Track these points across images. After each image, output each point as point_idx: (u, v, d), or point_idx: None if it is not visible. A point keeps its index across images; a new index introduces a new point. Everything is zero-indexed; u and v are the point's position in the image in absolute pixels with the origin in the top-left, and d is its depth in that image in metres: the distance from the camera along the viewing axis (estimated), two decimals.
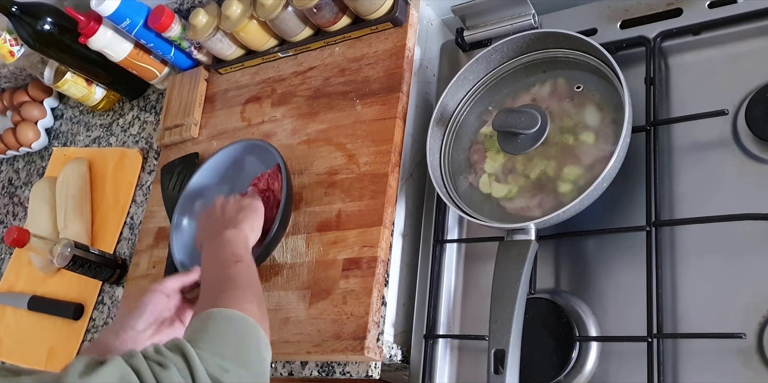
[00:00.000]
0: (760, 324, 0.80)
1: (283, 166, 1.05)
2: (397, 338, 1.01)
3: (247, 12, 1.19)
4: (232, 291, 0.79)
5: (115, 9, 1.23)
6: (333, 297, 0.98)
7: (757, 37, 0.92)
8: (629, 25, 1.01)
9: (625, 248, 0.90)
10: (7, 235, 1.19)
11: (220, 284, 0.81)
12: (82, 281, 1.31)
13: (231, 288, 0.79)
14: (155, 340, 0.85)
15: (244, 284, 0.81)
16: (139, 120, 1.49)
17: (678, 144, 0.92)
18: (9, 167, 1.71)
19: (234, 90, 1.30)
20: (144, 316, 0.85)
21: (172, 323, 0.88)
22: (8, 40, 1.42)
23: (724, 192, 0.87)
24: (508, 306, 0.83)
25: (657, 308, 0.84)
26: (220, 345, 0.68)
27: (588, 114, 0.93)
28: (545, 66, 1.00)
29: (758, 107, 0.86)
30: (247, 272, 0.84)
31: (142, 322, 0.85)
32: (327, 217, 1.05)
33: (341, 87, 1.15)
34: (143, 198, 1.37)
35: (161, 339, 0.85)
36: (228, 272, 0.83)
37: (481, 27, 1.10)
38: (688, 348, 0.82)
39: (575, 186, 0.89)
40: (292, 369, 1.01)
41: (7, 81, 1.69)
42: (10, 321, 1.40)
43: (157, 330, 0.86)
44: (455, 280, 1.02)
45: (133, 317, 0.85)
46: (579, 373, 0.87)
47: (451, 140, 1.03)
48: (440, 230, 1.04)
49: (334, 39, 1.19)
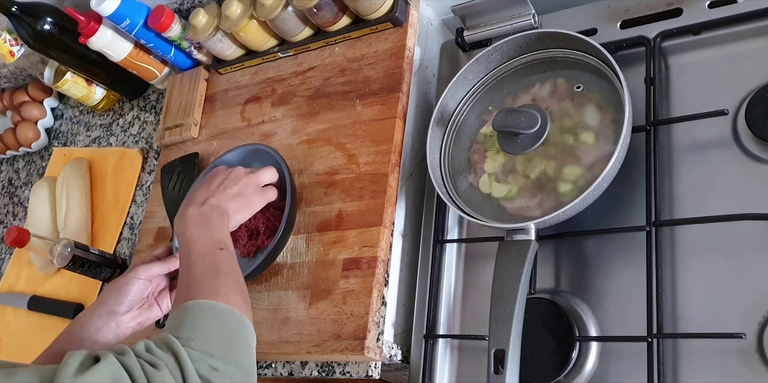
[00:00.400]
0: (760, 324, 0.80)
1: (286, 169, 1.04)
2: (397, 338, 1.01)
3: (247, 12, 1.19)
4: (216, 280, 0.78)
5: (115, 9, 1.23)
6: (333, 297, 0.98)
7: (757, 37, 0.92)
8: (629, 25, 1.01)
9: (625, 248, 0.90)
10: (7, 235, 1.19)
11: (203, 272, 0.80)
12: (82, 281, 1.31)
13: (215, 277, 0.79)
14: (134, 323, 0.92)
15: (228, 273, 0.81)
16: (139, 120, 1.49)
17: (678, 144, 0.92)
18: (9, 167, 1.71)
19: (234, 90, 1.30)
20: (126, 302, 0.92)
21: (150, 306, 0.95)
22: (8, 40, 1.42)
23: (724, 192, 0.87)
24: (508, 306, 0.83)
25: (657, 308, 0.84)
26: (211, 343, 0.68)
27: (588, 114, 0.93)
28: (545, 66, 1.00)
29: (758, 107, 0.86)
30: (229, 260, 0.84)
31: (124, 307, 0.91)
32: (327, 217, 1.05)
33: (341, 87, 1.15)
34: (143, 198, 1.37)
35: (140, 321, 0.93)
36: (212, 260, 0.83)
37: (481, 27, 1.10)
38: (688, 348, 0.82)
39: (575, 186, 0.89)
40: (292, 369, 1.01)
41: (7, 81, 1.69)
42: (10, 321, 1.40)
43: (138, 313, 0.93)
44: (455, 280, 1.02)
45: (118, 302, 0.91)
46: (579, 373, 0.87)
47: (451, 140, 1.03)
48: (440, 230, 1.04)
49: (334, 39, 1.19)
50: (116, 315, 0.90)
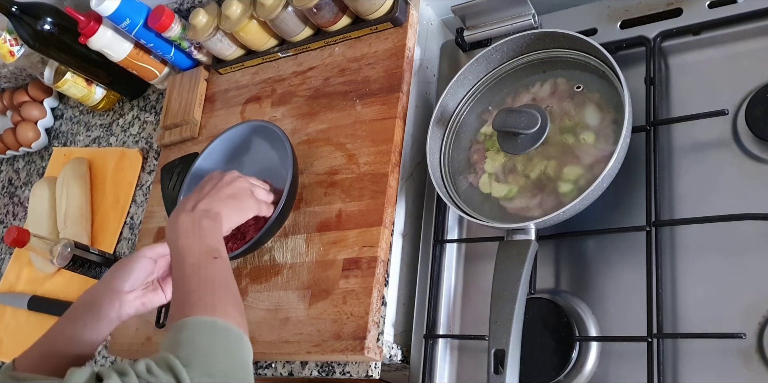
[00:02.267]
0: (760, 324, 0.80)
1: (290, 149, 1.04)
2: (397, 338, 1.01)
3: (247, 12, 1.19)
4: (212, 294, 0.77)
5: (115, 9, 1.23)
6: (333, 297, 0.98)
7: (757, 37, 0.92)
8: (629, 25, 1.01)
9: (625, 248, 0.90)
10: (7, 235, 1.19)
11: (199, 285, 0.79)
12: (82, 281, 1.31)
13: (211, 291, 0.78)
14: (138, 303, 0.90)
15: (223, 285, 0.80)
16: (139, 120, 1.49)
17: (678, 144, 0.92)
18: (9, 167, 1.71)
19: (234, 90, 1.30)
20: (131, 280, 0.90)
21: (155, 289, 0.93)
22: (8, 40, 1.42)
23: (724, 192, 0.87)
24: (508, 306, 0.83)
25: (657, 308, 0.84)
26: (210, 363, 0.68)
27: (588, 114, 0.93)
28: (545, 66, 1.00)
29: (758, 107, 0.86)
30: (224, 270, 0.83)
31: (128, 285, 0.90)
32: (327, 217, 1.05)
33: (341, 87, 1.15)
34: (143, 198, 1.37)
35: (143, 301, 0.91)
36: (207, 272, 0.81)
37: (481, 27, 1.10)
38: (688, 348, 0.82)
39: (575, 186, 0.89)
40: (292, 369, 1.01)
41: (7, 81, 1.69)
42: (10, 321, 1.41)
43: (142, 294, 0.91)
44: (455, 280, 1.02)
45: (122, 279, 0.90)
46: (579, 373, 0.87)
47: (451, 140, 1.03)
48: (440, 230, 1.04)
49: (334, 39, 1.19)
50: (120, 294, 0.88)
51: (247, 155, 1.14)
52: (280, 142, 1.07)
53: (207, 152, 1.14)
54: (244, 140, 1.14)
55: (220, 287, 0.79)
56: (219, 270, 0.82)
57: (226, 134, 1.13)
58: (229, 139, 1.14)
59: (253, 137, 1.13)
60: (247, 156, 1.14)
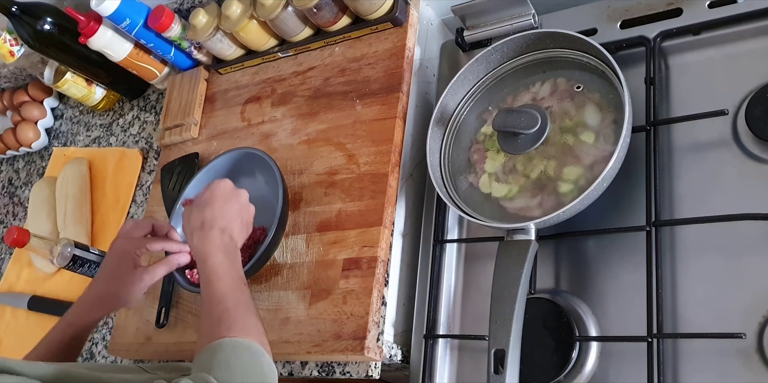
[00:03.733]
0: (760, 324, 0.80)
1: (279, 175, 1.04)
2: (397, 338, 1.01)
3: (247, 12, 1.19)
4: (245, 318, 0.81)
5: (115, 9, 1.23)
6: (333, 297, 0.98)
7: (757, 37, 0.92)
8: (629, 25, 1.01)
9: (625, 248, 0.90)
10: (7, 235, 1.19)
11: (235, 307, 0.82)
12: (82, 281, 1.31)
13: (244, 315, 0.82)
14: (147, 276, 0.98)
15: (253, 310, 0.84)
16: (139, 120, 1.49)
17: (678, 144, 0.92)
18: (9, 167, 1.71)
19: (234, 90, 1.30)
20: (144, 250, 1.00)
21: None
22: (8, 40, 1.42)
23: (724, 192, 0.87)
24: (508, 306, 0.83)
25: (657, 308, 0.84)
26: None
27: (588, 114, 0.93)
28: (545, 66, 1.00)
29: (758, 107, 0.86)
30: (251, 298, 0.86)
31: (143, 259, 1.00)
32: (327, 217, 1.05)
33: (341, 87, 1.15)
34: (143, 198, 1.37)
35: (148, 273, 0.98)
36: (238, 296, 0.84)
37: (481, 27, 1.10)
38: (688, 348, 0.82)
39: (575, 186, 0.89)
40: (292, 369, 1.01)
41: (7, 81, 1.69)
42: (10, 321, 1.41)
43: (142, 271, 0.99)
44: (455, 280, 1.02)
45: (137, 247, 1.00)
46: (579, 373, 0.87)
47: (451, 140, 1.03)
48: (440, 230, 1.04)
49: (334, 39, 1.19)
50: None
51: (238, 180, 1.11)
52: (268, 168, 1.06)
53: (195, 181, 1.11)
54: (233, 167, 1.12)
55: (252, 313, 0.83)
56: (248, 296, 0.86)
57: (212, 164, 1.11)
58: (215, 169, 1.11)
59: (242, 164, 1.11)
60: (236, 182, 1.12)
